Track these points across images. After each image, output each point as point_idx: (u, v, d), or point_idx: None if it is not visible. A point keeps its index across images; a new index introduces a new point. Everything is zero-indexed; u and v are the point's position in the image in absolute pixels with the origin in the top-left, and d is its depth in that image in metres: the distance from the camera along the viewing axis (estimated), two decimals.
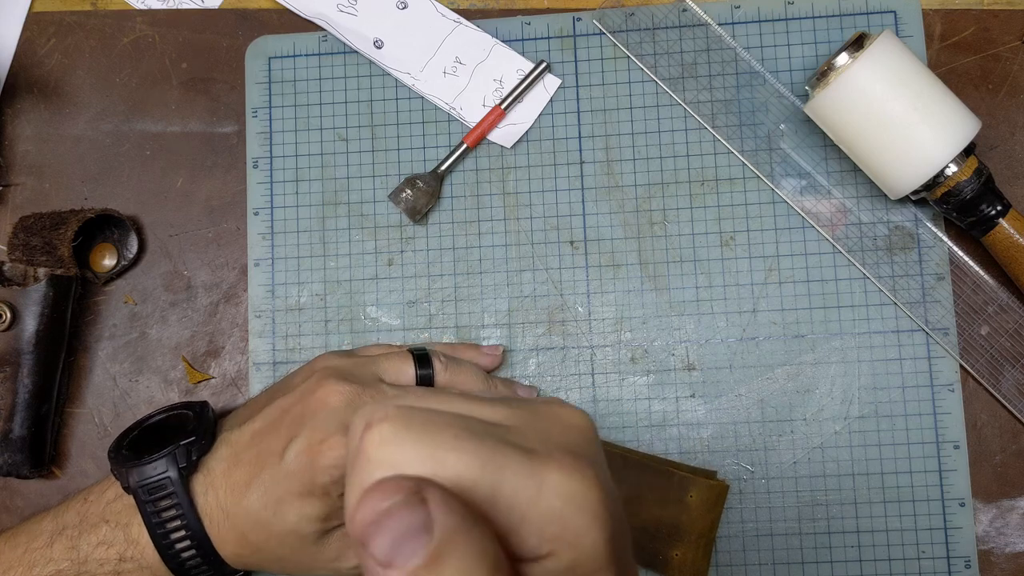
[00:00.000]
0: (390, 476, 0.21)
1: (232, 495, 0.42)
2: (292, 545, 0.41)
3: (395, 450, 0.22)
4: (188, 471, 0.42)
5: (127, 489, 0.42)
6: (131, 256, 0.52)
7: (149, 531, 0.41)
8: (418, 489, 0.20)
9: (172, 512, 0.41)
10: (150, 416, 0.46)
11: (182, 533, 0.41)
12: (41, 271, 0.49)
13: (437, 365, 0.46)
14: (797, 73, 0.51)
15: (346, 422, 0.42)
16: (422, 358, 0.46)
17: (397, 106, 0.53)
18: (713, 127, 0.51)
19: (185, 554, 0.41)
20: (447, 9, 0.53)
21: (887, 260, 0.49)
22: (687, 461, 0.49)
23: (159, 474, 0.41)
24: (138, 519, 0.42)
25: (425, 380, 0.46)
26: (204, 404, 0.46)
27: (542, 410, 0.25)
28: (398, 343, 0.51)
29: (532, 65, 0.52)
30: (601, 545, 0.22)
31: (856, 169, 0.49)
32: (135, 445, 0.44)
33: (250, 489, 0.41)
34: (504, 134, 0.52)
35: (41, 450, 0.50)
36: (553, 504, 0.22)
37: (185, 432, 0.43)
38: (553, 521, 0.22)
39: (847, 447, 0.48)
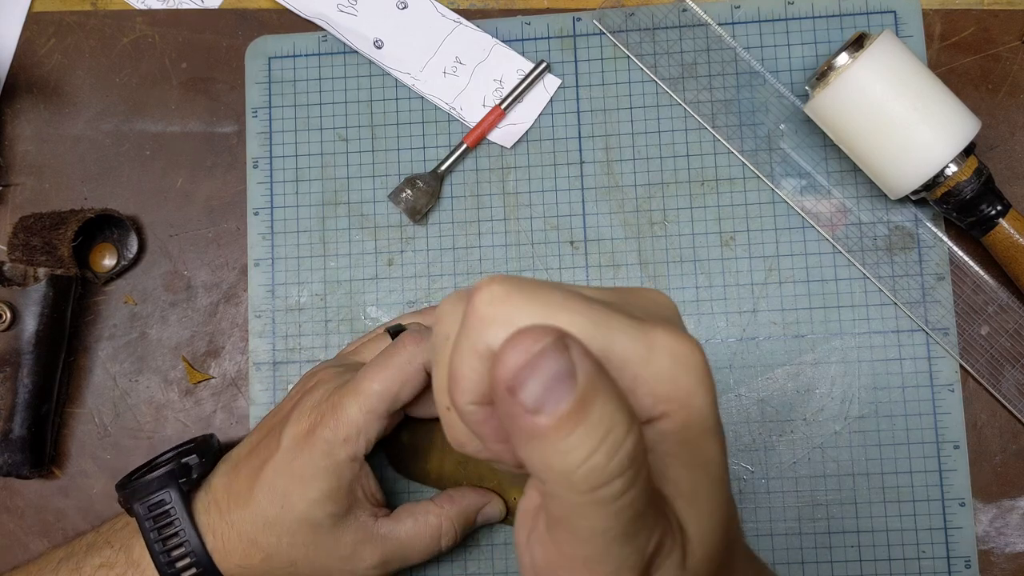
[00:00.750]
0: (535, 324, 0.20)
1: (236, 504, 0.42)
2: (305, 541, 0.41)
3: (508, 308, 0.21)
4: (188, 486, 0.42)
5: (129, 511, 0.42)
6: (131, 256, 0.52)
7: (150, 550, 0.41)
8: (562, 335, 0.20)
9: (171, 530, 0.41)
10: (162, 454, 0.46)
11: (182, 551, 0.41)
12: (41, 271, 0.49)
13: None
14: (797, 73, 0.51)
15: (335, 386, 0.42)
16: (396, 333, 0.45)
17: (397, 106, 0.53)
18: (713, 127, 0.51)
19: (185, 573, 0.41)
20: (447, 9, 0.53)
21: (887, 260, 0.49)
22: None
23: (159, 489, 0.42)
24: (141, 541, 0.42)
25: None
26: (211, 434, 0.48)
27: (633, 290, 0.25)
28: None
29: (532, 65, 0.52)
30: (710, 406, 0.22)
31: (856, 169, 0.49)
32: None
33: (254, 493, 0.41)
34: (504, 134, 0.52)
35: (41, 450, 0.50)
36: (664, 364, 0.22)
37: (187, 452, 0.44)
38: (665, 381, 0.22)
39: (847, 447, 0.48)
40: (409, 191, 0.50)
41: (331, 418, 0.40)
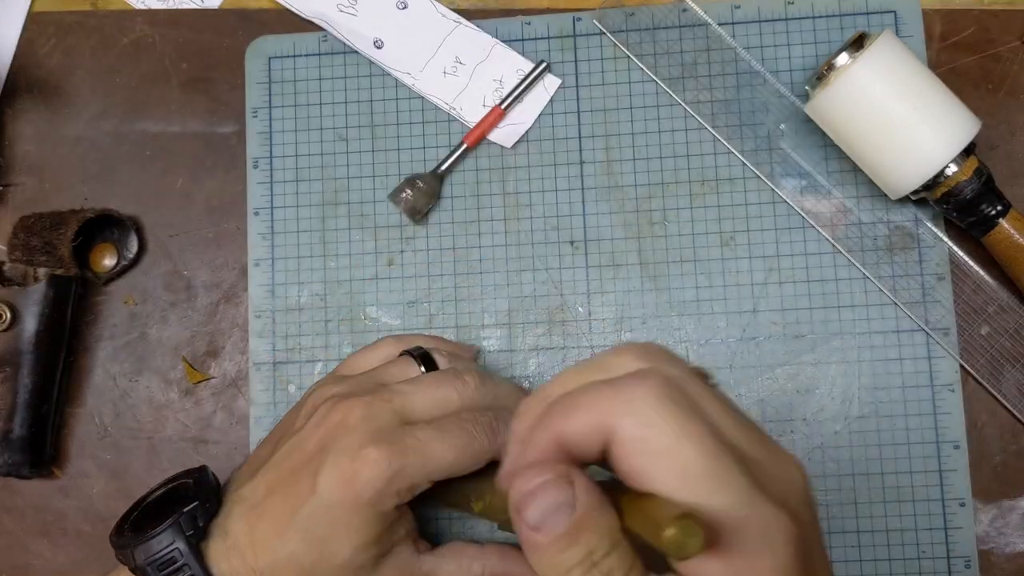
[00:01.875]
0: (546, 461, 0.27)
1: (263, 551, 0.39)
2: None
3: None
4: (197, 538, 0.39)
5: (134, 570, 0.40)
6: (131, 256, 0.52)
7: None
8: (567, 473, 0.26)
9: None
10: (150, 492, 0.44)
11: None
12: (41, 271, 0.49)
13: (441, 361, 0.44)
14: (797, 73, 0.51)
15: (368, 434, 0.39)
16: (424, 357, 0.44)
17: (397, 106, 0.53)
18: (713, 127, 0.51)
19: None
20: (447, 9, 0.53)
21: (887, 260, 0.49)
22: None
23: (166, 547, 0.39)
24: None
25: None
26: (203, 468, 0.44)
27: (778, 454, 0.31)
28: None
29: (532, 65, 0.52)
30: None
31: (856, 169, 0.49)
32: (138, 525, 0.41)
33: (285, 538, 0.39)
34: (504, 134, 0.52)
35: (41, 450, 0.50)
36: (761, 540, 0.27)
37: (187, 499, 0.41)
38: (761, 554, 0.27)
39: (847, 447, 0.48)
40: (409, 191, 0.50)
41: (385, 470, 0.38)
